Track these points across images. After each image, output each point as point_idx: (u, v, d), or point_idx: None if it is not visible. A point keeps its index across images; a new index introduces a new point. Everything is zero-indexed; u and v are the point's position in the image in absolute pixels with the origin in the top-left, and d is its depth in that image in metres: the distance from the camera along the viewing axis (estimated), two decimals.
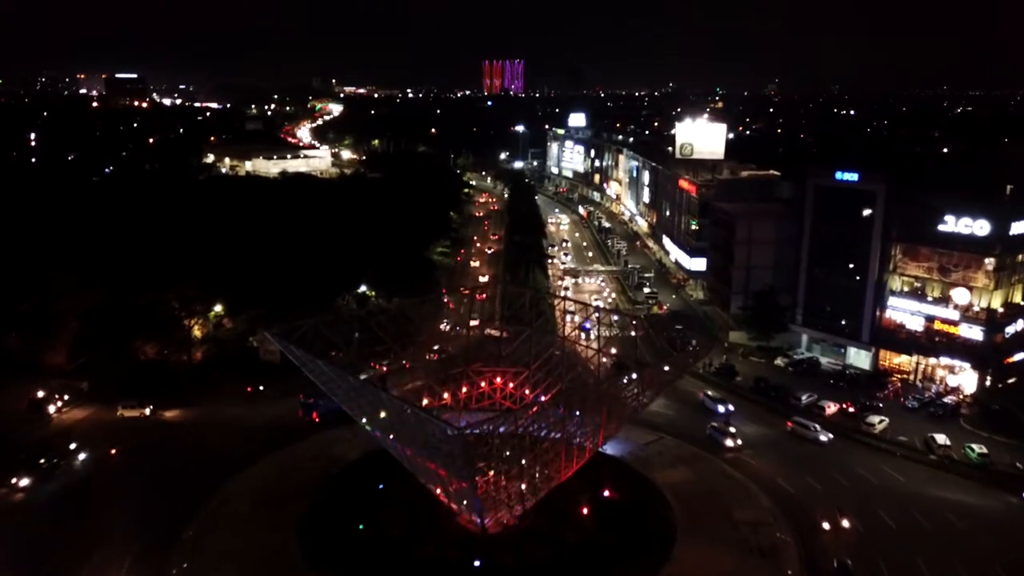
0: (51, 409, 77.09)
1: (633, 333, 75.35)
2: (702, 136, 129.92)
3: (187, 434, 74.03)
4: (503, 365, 67.36)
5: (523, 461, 50.89)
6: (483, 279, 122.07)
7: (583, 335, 73.27)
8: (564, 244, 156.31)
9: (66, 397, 78.66)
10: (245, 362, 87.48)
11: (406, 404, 47.80)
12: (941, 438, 70.25)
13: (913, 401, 79.74)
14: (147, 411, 76.90)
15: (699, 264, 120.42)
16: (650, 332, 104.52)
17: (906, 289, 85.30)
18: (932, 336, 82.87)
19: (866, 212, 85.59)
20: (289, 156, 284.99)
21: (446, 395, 66.06)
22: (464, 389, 66.68)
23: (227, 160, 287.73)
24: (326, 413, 70.89)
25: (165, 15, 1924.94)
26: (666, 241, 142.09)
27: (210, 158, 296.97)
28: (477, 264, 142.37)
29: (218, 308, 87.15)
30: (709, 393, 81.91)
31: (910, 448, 71.02)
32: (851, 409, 78.04)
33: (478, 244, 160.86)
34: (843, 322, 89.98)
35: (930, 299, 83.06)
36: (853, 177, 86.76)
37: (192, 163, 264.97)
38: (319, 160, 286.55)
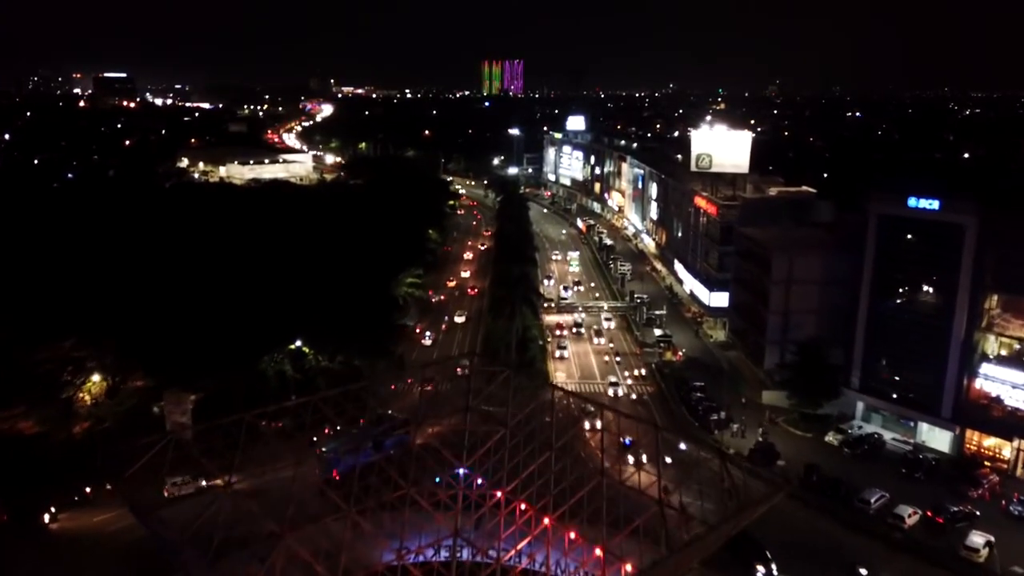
0: (46, 518, 57.96)
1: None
2: (722, 146, 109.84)
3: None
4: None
5: None
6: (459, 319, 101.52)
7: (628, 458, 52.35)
8: (576, 286, 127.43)
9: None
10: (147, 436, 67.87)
11: None
12: None
13: (1019, 506, 59.86)
14: (202, 483, 59.59)
15: (720, 299, 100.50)
16: (666, 392, 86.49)
17: (1005, 353, 65.34)
18: None
19: (951, 251, 65.73)
20: (267, 161, 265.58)
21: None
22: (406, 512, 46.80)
23: (200, 165, 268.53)
24: (347, 470, 53.95)
25: (167, 15, 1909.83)
26: (678, 267, 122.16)
27: (184, 162, 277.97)
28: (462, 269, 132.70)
29: (96, 378, 66.73)
30: None
31: None
32: (938, 519, 58.20)
33: (468, 242, 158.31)
34: (916, 391, 70.08)
35: None
36: (932, 205, 66.79)
37: (159, 169, 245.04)
38: (299, 165, 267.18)
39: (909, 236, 69.44)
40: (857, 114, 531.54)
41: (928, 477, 65.14)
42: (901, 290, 70.77)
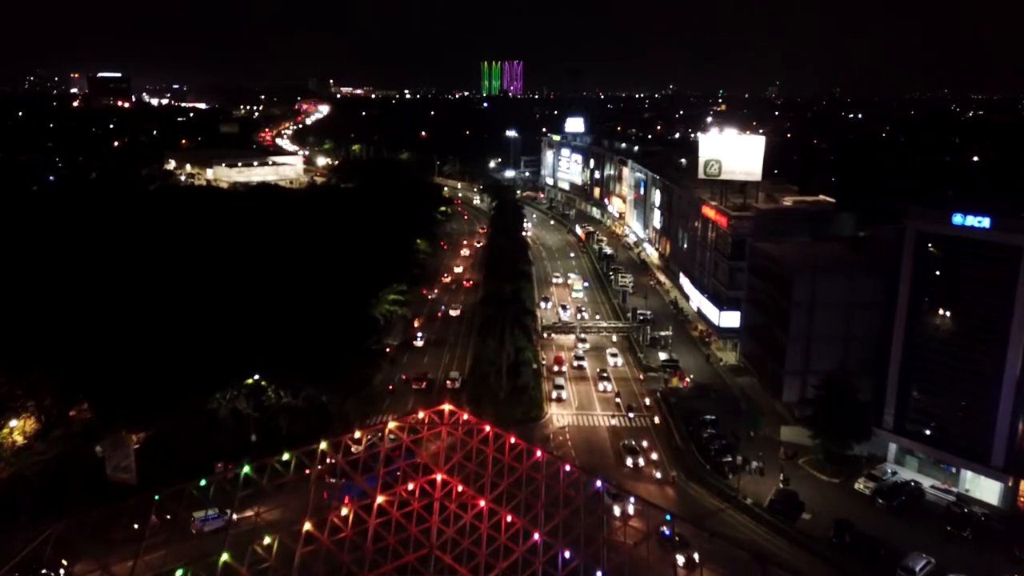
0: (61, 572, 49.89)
1: None
2: (733, 152, 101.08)
3: None
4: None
5: None
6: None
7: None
8: (580, 313, 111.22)
9: None
10: (85, 483, 59.71)
11: None
12: None
13: None
14: (234, 516, 52.38)
15: (731, 320, 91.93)
16: (673, 427, 77.79)
17: None
18: None
19: (1004, 275, 57.31)
20: (255, 163, 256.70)
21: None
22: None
23: (187, 167, 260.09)
24: (359, 496, 48.13)
25: (168, 15, 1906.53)
26: (684, 281, 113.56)
27: (171, 164, 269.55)
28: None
29: (14, 423, 57.88)
30: None
31: None
32: None
33: (464, 240, 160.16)
34: (960, 434, 61.53)
35: None
36: (982, 223, 58.24)
37: (143, 172, 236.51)
38: (289, 168, 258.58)
39: (954, 257, 60.83)
40: (859, 116, 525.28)
41: (977, 536, 56.69)
42: (943, 318, 62.18)
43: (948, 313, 61.75)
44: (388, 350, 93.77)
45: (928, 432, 63.64)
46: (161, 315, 69.33)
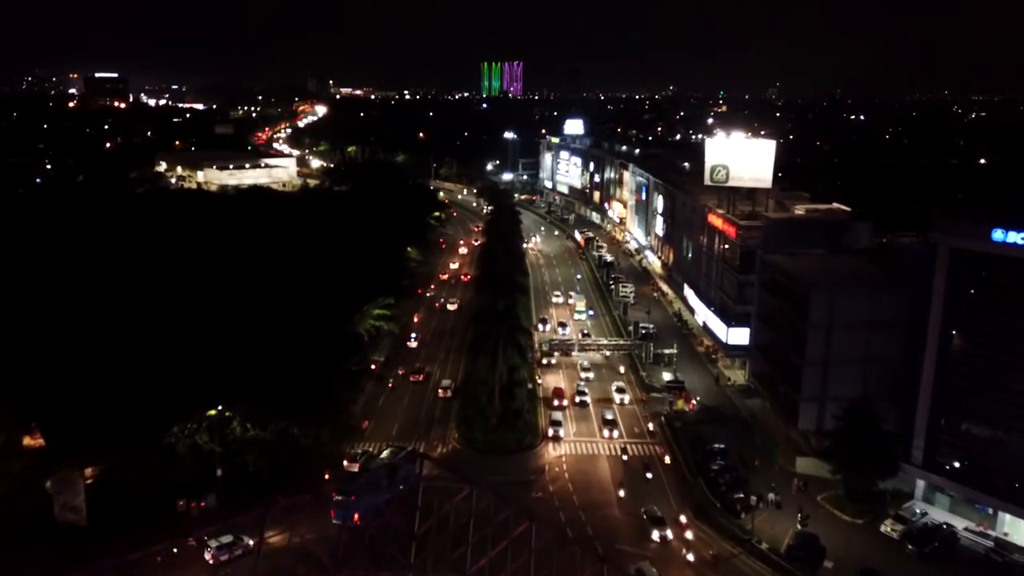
0: None
1: None
2: (741, 157, 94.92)
3: None
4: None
5: None
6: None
7: None
8: (584, 336, 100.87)
9: None
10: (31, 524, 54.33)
11: None
12: None
13: None
14: (250, 542, 50.16)
15: (739, 336, 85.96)
16: (679, 457, 71.78)
17: None
18: None
19: None
20: (248, 166, 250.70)
21: None
22: None
23: (179, 169, 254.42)
24: (367, 511, 47.00)
25: (168, 15, 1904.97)
26: (688, 293, 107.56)
27: (162, 166, 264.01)
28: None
29: None
30: None
31: None
32: None
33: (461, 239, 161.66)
34: (1000, 473, 55.55)
35: None
36: None
37: (132, 174, 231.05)
38: (282, 170, 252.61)
39: (993, 276, 54.89)
40: (861, 117, 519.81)
41: None
42: (981, 342, 56.27)
43: (987, 337, 55.81)
44: (374, 368, 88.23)
45: (962, 469, 57.68)
46: (118, 333, 63.37)
